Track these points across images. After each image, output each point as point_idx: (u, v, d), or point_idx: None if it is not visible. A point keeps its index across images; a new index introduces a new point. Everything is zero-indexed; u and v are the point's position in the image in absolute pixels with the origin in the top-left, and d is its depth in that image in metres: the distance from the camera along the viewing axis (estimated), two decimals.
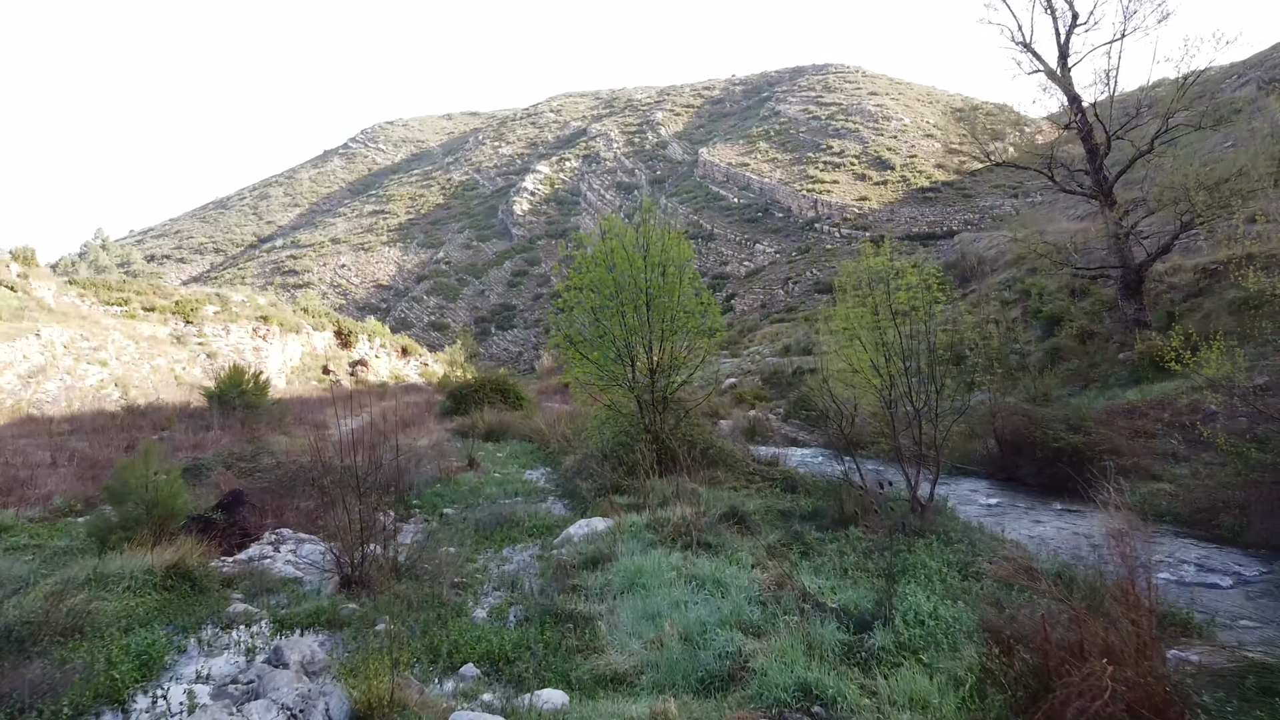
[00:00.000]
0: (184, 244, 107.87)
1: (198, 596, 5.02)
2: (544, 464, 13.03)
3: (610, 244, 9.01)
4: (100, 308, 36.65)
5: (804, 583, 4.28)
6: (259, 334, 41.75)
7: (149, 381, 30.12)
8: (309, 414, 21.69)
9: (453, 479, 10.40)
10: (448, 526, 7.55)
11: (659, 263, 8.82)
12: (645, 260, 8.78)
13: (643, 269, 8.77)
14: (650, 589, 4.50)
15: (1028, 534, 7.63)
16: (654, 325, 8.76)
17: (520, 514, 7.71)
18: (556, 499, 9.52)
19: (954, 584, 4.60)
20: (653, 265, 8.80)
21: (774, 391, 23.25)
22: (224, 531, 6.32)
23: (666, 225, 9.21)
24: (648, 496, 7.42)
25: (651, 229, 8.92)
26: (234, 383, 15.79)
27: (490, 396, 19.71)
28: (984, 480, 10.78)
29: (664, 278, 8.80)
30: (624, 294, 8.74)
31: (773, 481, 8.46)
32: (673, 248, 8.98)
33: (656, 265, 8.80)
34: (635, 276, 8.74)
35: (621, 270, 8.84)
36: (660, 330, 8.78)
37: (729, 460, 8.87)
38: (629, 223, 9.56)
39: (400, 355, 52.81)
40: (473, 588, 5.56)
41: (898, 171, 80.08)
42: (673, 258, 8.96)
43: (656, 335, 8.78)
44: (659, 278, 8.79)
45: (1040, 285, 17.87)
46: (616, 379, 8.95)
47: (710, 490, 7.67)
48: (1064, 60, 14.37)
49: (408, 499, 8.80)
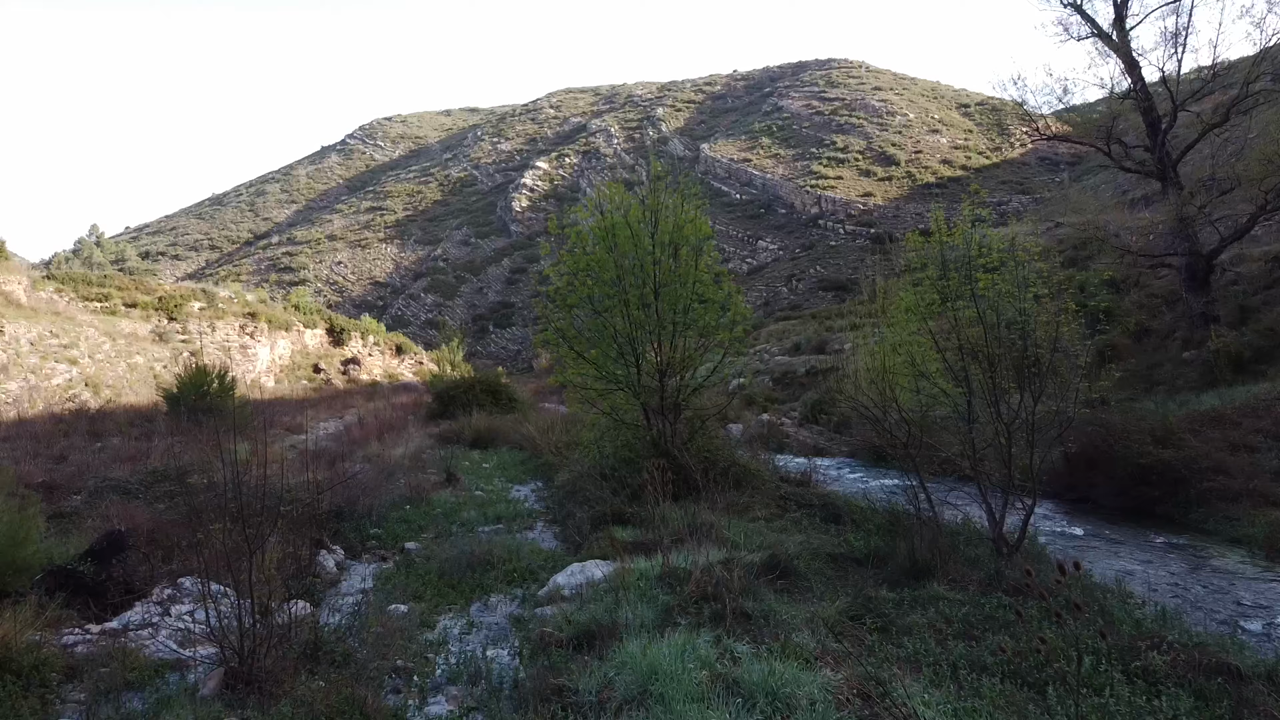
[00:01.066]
0: (179, 241, 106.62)
1: (17, 698, 3.46)
2: (535, 476, 11.45)
3: (611, 219, 7.42)
4: (79, 304, 35.17)
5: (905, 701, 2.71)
6: (246, 331, 40.28)
7: (124, 381, 28.55)
8: (287, 416, 20.10)
9: (426, 499, 8.81)
10: (407, 569, 5.99)
11: (670, 242, 7.24)
12: (654, 239, 7.21)
13: (650, 249, 7.20)
14: (670, 703, 2.96)
15: (1139, 577, 6.05)
16: (663, 317, 7.18)
17: (498, 551, 6.14)
18: (546, 525, 7.96)
19: (1127, 698, 3.03)
20: (662, 245, 7.23)
21: (786, 393, 21.71)
22: (95, 588, 4.73)
23: (680, 196, 7.62)
24: (658, 530, 5.86)
25: (662, 201, 7.33)
26: (195, 383, 14.24)
27: (480, 398, 18.12)
28: (1047, 501, 9.21)
29: (676, 260, 7.23)
30: (628, 280, 7.17)
31: (809, 508, 6.88)
32: (687, 223, 7.38)
33: (667, 245, 7.23)
34: (641, 258, 7.16)
35: (625, 251, 7.27)
36: (671, 323, 7.19)
37: (755, 481, 7.25)
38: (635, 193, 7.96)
39: (394, 354, 51.44)
40: (420, 678, 3.99)
41: (903, 167, 78.66)
42: (687, 235, 7.38)
43: (666, 329, 7.19)
44: (670, 260, 7.22)
45: (1083, 277, 16.24)
46: (618, 381, 7.36)
47: (736, 522, 6.10)
48: (1121, 21, 12.78)
49: (365, 528, 7.22)
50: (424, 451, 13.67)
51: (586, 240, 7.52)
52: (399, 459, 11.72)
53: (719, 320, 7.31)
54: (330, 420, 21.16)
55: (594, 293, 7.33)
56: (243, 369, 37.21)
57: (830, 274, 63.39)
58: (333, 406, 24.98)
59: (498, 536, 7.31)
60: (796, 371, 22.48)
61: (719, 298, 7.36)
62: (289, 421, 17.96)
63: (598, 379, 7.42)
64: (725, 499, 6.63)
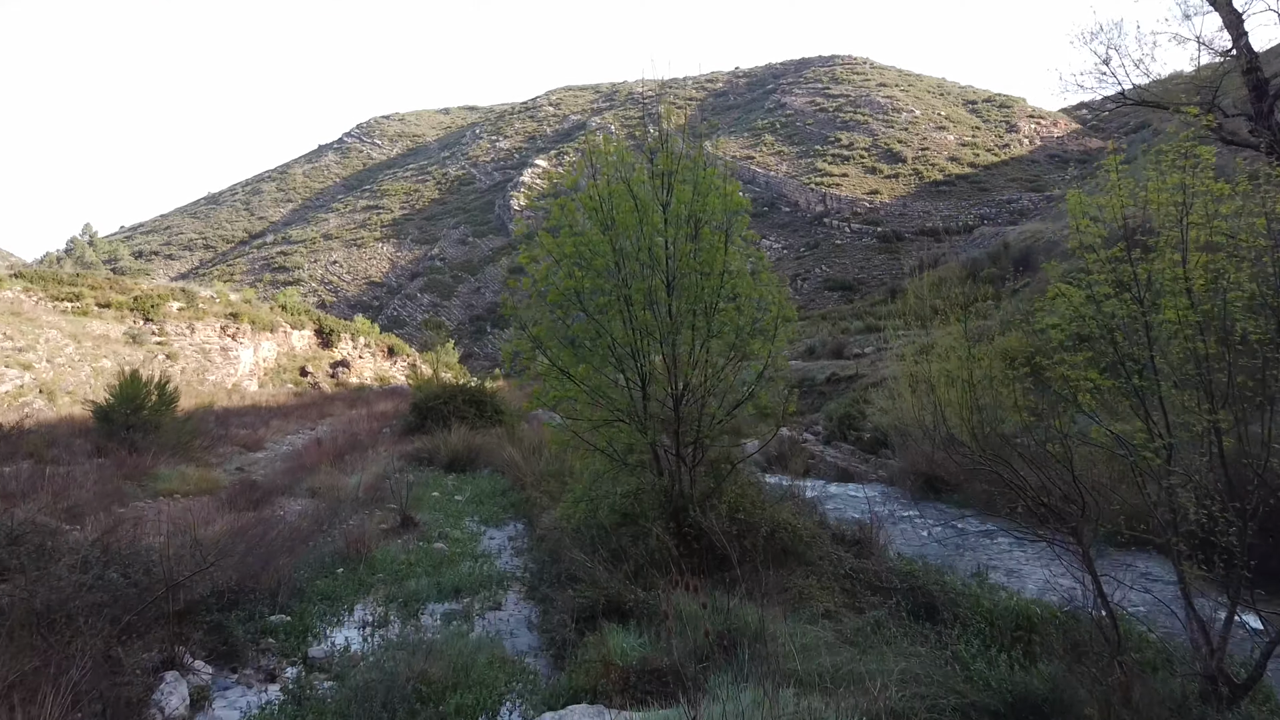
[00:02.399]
0: (173, 240, 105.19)
1: None
2: (516, 514, 9.39)
3: (608, 186, 5.31)
4: (49, 304, 33.23)
5: None
6: (228, 333, 38.38)
7: (87, 386, 26.51)
8: (247, 430, 18.06)
9: (368, 556, 6.74)
10: (297, 704, 3.95)
11: (689, 216, 5.14)
12: (666, 213, 5.13)
13: (661, 227, 5.13)
14: None
15: None
16: (679, 319, 5.10)
17: (440, 669, 4.11)
18: (522, 598, 5.92)
19: None
20: (678, 221, 5.14)
21: (804, 402, 19.68)
22: None
23: (699, 153, 5.49)
24: (673, 639, 3.83)
25: (677, 160, 5.24)
26: (128, 396, 12.22)
27: (462, 409, 16.06)
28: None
29: (696, 240, 5.14)
30: (629, 268, 5.08)
31: (887, 592, 4.81)
32: (711, 191, 5.27)
33: (684, 221, 5.13)
34: (649, 239, 5.09)
35: (625, 229, 5.17)
36: (690, 328, 5.10)
37: (807, 552, 5.14)
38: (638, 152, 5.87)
39: (386, 355, 49.66)
40: None
41: (909, 164, 77.03)
42: (711, 207, 5.27)
43: (684, 337, 5.11)
44: (688, 241, 5.15)
45: None
46: (617, 409, 5.26)
47: (791, 626, 4.07)
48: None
49: (263, 615, 5.15)
50: (389, 477, 11.60)
51: (573, 214, 5.40)
52: (352, 490, 9.67)
53: (754, 324, 5.15)
54: (300, 432, 19.14)
55: (583, 286, 5.26)
56: (223, 372, 35.26)
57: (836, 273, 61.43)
58: (308, 415, 22.97)
59: (451, 624, 5.25)
60: (815, 379, 20.41)
61: (755, 293, 5.19)
62: (249, 436, 15.94)
63: (589, 403, 5.33)
64: (771, 579, 4.59)
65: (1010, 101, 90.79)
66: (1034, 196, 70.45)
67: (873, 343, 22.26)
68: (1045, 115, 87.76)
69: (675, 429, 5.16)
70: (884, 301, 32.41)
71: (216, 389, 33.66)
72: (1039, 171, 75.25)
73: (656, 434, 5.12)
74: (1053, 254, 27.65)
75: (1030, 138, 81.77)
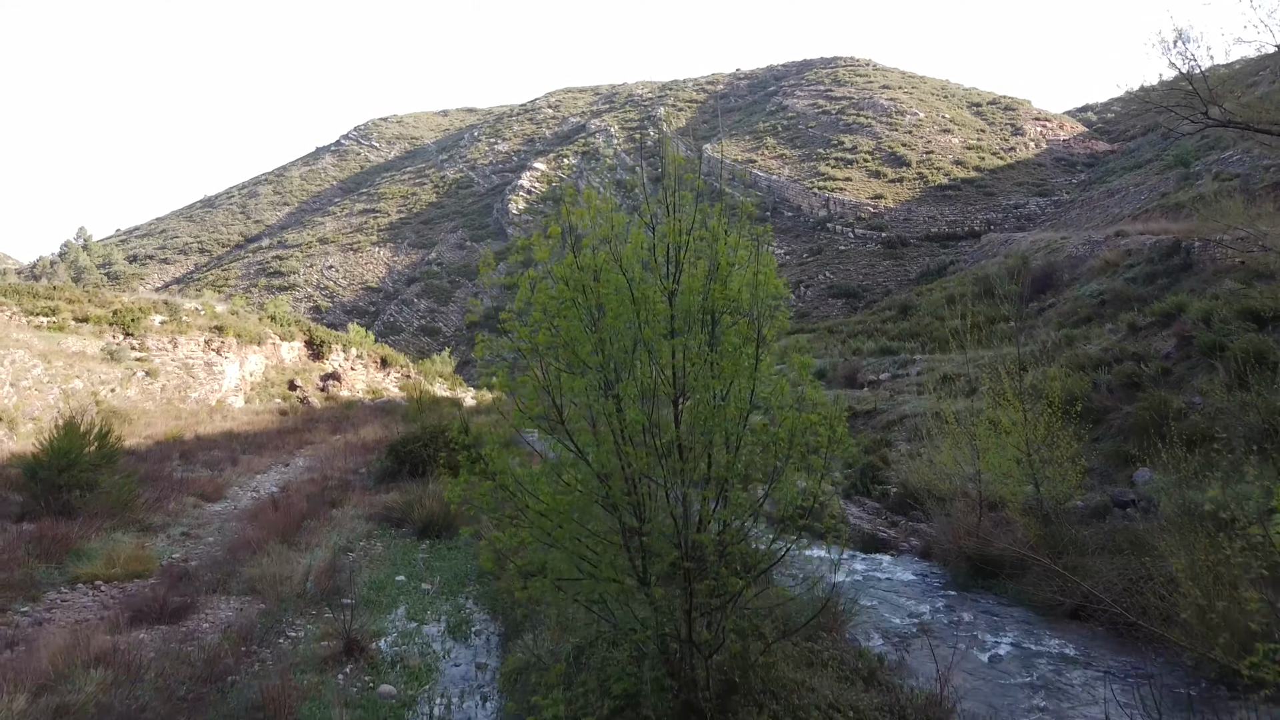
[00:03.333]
0: (168, 244, 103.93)
1: None
2: (492, 612, 7.97)
3: (594, 257, 3.77)
4: (22, 319, 31.76)
5: None
6: (212, 347, 36.88)
7: (55, 410, 25.02)
8: (213, 468, 16.58)
9: (289, 713, 5.29)
10: None
11: (708, 309, 3.59)
12: (673, 301, 3.62)
13: (668, 318, 3.62)
14: None
15: None
16: (691, 451, 3.61)
17: None
18: None
19: None
20: (691, 313, 3.61)
21: None
22: None
23: (721, 215, 3.89)
24: None
25: (688, 221, 3.69)
26: (60, 450, 10.79)
27: (446, 449, 14.53)
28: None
29: (712, 342, 3.59)
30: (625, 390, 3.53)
31: None
32: (732, 271, 3.72)
33: (701, 314, 3.60)
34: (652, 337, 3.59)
35: (619, 319, 3.67)
36: (707, 463, 3.60)
37: None
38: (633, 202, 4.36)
39: (379, 366, 48.19)
40: None
41: (914, 168, 75.61)
42: (736, 295, 3.70)
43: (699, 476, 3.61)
44: (702, 339, 3.65)
45: (1206, 307, 12.70)
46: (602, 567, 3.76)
47: None
48: None
49: None
50: (351, 548, 10.14)
51: (546, 298, 3.88)
52: (300, 580, 8.20)
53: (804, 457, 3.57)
54: (272, 469, 17.68)
55: (565, 393, 3.80)
56: (207, 388, 33.77)
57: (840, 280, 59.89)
58: (285, 444, 21.47)
59: None
60: None
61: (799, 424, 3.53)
62: (209, 482, 14.45)
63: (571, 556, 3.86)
64: None
65: (1015, 104, 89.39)
66: (1041, 201, 69.14)
67: (888, 368, 20.83)
68: (1051, 117, 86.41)
69: (688, 599, 3.67)
70: (896, 318, 30.91)
71: (199, 406, 32.16)
72: (1046, 175, 73.89)
73: (664, 616, 3.63)
74: (1079, 271, 26.16)
75: (1036, 140, 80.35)
